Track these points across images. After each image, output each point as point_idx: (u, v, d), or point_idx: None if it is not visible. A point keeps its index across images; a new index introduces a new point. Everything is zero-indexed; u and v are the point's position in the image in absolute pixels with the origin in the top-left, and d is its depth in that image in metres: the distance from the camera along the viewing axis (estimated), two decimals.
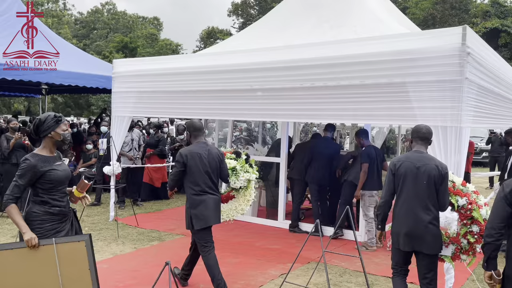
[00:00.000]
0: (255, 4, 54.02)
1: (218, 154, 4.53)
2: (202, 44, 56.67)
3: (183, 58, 7.66)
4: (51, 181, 3.23)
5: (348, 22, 6.55)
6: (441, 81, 4.58)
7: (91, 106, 45.69)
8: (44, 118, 3.28)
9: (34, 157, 3.21)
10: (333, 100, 5.25)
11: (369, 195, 6.22)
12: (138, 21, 61.56)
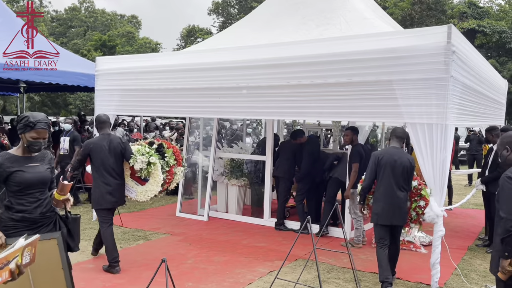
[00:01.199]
0: (235, 3, 53.97)
1: (120, 142, 5.13)
2: (182, 42, 56.39)
3: (167, 56, 7.57)
4: (17, 183, 3.02)
5: (333, 21, 6.58)
6: (427, 79, 4.65)
7: (69, 105, 44.98)
8: (20, 118, 3.09)
9: (3, 156, 3.04)
10: (320, 97, 5.28)
11: (357, 194, 6.25)
12: (116, 19, 60.85)
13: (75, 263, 5.23)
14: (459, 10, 33.17)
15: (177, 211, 7.82)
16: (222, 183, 7.93)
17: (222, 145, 8.21)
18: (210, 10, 54.48)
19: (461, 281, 5.02)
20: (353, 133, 6.29)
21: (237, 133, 11.38)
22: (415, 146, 4.79)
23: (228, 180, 7.74)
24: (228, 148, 8.25)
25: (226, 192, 7.89)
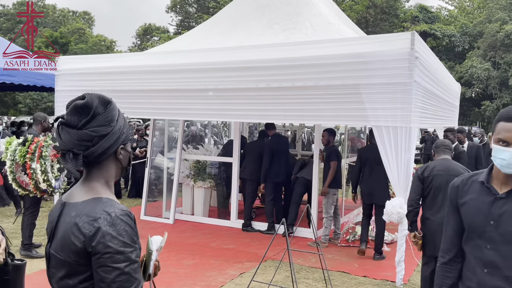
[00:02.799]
0: (193, 1, 53.56)
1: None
2: (138, 40, 55.38)
3: (132, 56, 7.46)
4: None
5: (298, 25, 6.69)
6: (391, 84, 4.82)
7: (18, 104, 43.16)
8: None
9: None
10: (287, 100, 5.38)
11: (333, 193, 6.40)
12: (68, 16, 58.98)
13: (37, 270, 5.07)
14: (412, 14, 34.41)
15: (141, 214, 7.70)
16: (187, 185, 7.88)
17: (187, 146, 8.15)
18: (168, 8, 53.83)
19: None
20: (330, 134, 6.49)
21: (196, 134, 11.32)
22: (380, 148, 4.96)
23: (194, 182, 7.70)
24: (194, 150, 8.21)
25: (192, 194, 7.84)
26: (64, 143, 1.42)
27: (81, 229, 1.33)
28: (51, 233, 1.47)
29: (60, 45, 48.09)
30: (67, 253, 1.36)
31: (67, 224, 1.39)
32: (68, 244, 1.35)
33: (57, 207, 1.50)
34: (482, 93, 30.61)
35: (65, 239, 1.37)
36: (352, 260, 5.78)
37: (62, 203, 1.48)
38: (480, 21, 32.28)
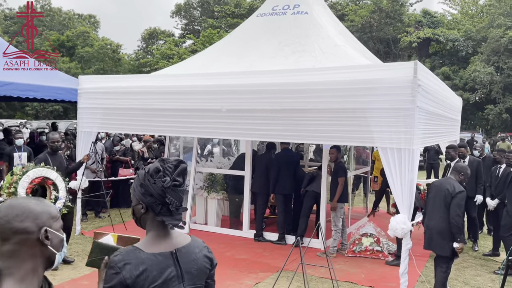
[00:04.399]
0: (197, 5, 54.00)
1: None
2: (143, 44, 55.88)
3: (148, 77, 7.83)
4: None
5: (307, 47, 7.08)
6: (396, 108, 5.20)
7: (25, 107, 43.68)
8: None
9: None
10: (298, 121, 5.75)
11: (340, 207, 6.80)
12: (74, 19, 59.50)
13: (68, 280, 5.48)
14: (415, 19, 34.72)
15: None
16: (201, 196, 8.29)
17: (200, 159, 8.56)
18: (173, 13, 54.33)
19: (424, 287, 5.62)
20: (338, 151, 6.88)
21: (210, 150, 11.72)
22: (385, 168, 5.34)
23: (208, 194, 8.11)
24: (207, 163, 8.62)
25: (205, 205, 8.25)
26: (177, 201, 1.84)
27: (209, 257, 1.92)
28: (179, 276, 1.81)
29: (67, 49, 48.64)
30: (202, 279, 1.88)
31: (196, 259, 1.87)
32: (203, 272, 1.88)
33: (165, 257, 1.80)
34: (485, 97, 30.89)
35: (201, 269, 1.87)
36: (359, 271, 6.16)
37: (172, 252, 1.83)
38: (483, 26, 32.55)
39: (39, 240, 1.43)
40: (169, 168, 1.85)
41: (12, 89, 8.33)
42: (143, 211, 1.87)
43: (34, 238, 1.42)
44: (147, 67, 42.22)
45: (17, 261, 1.41)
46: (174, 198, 1.81)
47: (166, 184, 1.79)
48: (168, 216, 1.82)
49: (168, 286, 1.75)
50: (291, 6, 7.87)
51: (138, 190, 1.89)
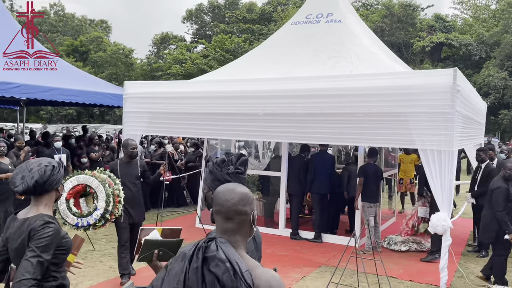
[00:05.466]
0: (208, 11, 54.55)
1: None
2: (154, 49, 56.57)
3: (190, 83, 8.20)
4: (67, 248, 2.50)
5: (343, 54, 7.42)
6: (436, 113, 5.53)
7: (40, 111, 44.36)
8: (55, 167, 2.55)
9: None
10: (340, 125, 6.09)
11: (367, 206, 7.13)
12: (87, 24, 60.30)
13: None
14: (428, 24, 34.98)
15: (196, 222, 8.47)
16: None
17: None
18: (184, 18, 54.94)
19: (463, 283, 5.94)
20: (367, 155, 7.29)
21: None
22: (425, 169, 5.67)
23: None
24: None
25: None
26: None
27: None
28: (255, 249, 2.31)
29: (80, 53, 49.37)
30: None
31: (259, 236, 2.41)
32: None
33: None
34: (498, 102, 31.04)
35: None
36: (396, 266, 6.48)
37: None
38: (496, 31, 32.73)
39: (250, 221, 1.79)
40: (232, 159, 2.32)
41: (58, 94, 8.78)
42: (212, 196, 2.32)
43: (249, 219, 1.78)
44: (160, 71, 42.81)
45: (241, 236, 1.77)
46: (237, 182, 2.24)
47: (230, 171, 2.25)
48: None
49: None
50: (324, 15, 8.23)
51: (209, 177, 2.36)
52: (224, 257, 1.64)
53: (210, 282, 1.63)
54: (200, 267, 1.65)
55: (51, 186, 2.42)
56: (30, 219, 2.34)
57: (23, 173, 2.38)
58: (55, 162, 2.47)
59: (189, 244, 1.76)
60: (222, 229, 1.77)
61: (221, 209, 1.77)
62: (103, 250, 6.72)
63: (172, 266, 1.74)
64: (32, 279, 2.16)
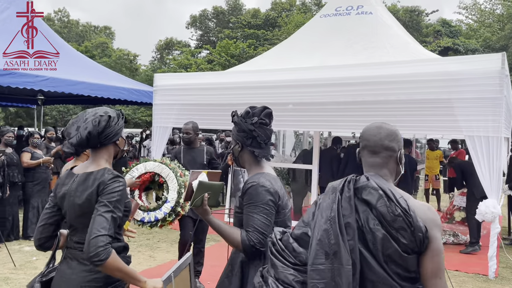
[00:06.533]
0: (212, 16, 54.72)
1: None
2: (158, 55, 56.67)
3: (220, 74, 8.23)
4: (129, 209, 2.28)
5: (378, 44, 7.37)
6: (483, 98, 5.44)
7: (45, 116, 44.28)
8: (112, 117, 2.20)
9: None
10: (382, 112, 6.00)
11: None
12: (91, 30, 60.56)
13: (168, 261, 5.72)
14: (434, 29, 35.06)
15: (225, 217, 8.35)
16: None
17: None
18: (188, 24, 55.09)
19: (510, 272, 5.82)
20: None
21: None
22: (473, 156, 5.57)
23: None
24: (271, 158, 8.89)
25: None
26: (264, 136, 2.28)
27: None
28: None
29: None
30: None
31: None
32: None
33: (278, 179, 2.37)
34: None
35: None
36: None
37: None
38: (503, 35, 32.78)
39: (397, 158, 1.80)
40: (257, 112, 2.30)
41: (84, 88, 8.69)
42: (239, 149, 2.35)
43: (395, 156, 1.80)
44: None
45: (388, 171, 1.79)
46: (261, 133, 2.27)
47: (254, 121, 2.25)
48: (257, 148, 2.28)
49: (287, 199, 2.31)
50: (354, 7, 8.19)
51: (234, 129, 2.37)
52: (376, 186, 1.67)
53: (363, 211, 1.66)
54: (353, 196, 1.68)
55: (108, 139, 2.15)
56: (95, 173, 2.10)
57: (78, 123, 2.13)
58: (112, 112, 2.20)
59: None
60: (369, 163, 1.82)
61: (367, 144, 1.82)
62: (138, 242, 6.59)
63: (322, 200, 1.77)
64: (108, 235, 1.95)
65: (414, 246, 1.60)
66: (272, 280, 1.72)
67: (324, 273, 1.61)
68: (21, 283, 4.70)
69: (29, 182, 6.53)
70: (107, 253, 1.91)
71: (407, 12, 36.45)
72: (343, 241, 1.61)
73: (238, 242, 2.14)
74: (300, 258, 1.72)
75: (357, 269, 1.60)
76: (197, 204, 2.23)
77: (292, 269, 1.71)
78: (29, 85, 7.79)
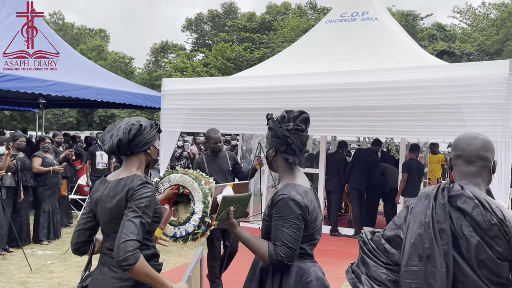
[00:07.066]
0: (208, 20, 54.79)
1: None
2: (153, 58, 56.64)
3: (228, 79, 8.28)
4: (159, 215, 2.27)
5: (384, 50, 7.47)
6: (491, 104, 5.55)
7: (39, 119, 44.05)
8: (144, 126, 2.23)
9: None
10: (394, 118, 6.11)
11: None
12: (86, 33, 60.43)
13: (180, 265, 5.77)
14: (429, 33, 35.38)
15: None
16: (270, 194, 8.60)
17: None
18: (184, 27, 55.12)
19: None
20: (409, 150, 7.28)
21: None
22: None
23: None
24: None
25: None
26: (299, 143, 2.24)
27: None
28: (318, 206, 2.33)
29: None
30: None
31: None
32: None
33: (310, 190, 2.31)
34: None
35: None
36: None
37: (311, 186, 2.34)
38: (498, 39, 33.14)
39: (490, 168, 1.86)
40: (293, 117, 2.23)
41: (91, 92, 8.74)
42: (273, 153, 2.30)
43: (489, 166, 1.86)
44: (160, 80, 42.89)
45: (482, 180, 1.86)
46: (297, 140, 2.20)
47: (289, 127, 2.19)
48: (291, 155, 2.22)
49: (318, 211, 2.27)
50: (359, 13, 8.30)
51: (269, 134, 2.33)
52: (471, 195, 1.74)
53: (456, 217, 1.75)
54: (447, 203, 1.77)
55: (138, 147, 2.19)
56: (125, 179, 2.14)
57: (112, 131, 2.20)
58: (144, 121, 2.24)
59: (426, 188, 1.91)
60: (463, 172, 1.87)
61: (463, 154, 1.86)
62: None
63: (415, 205, 1.86)
64: (137, 240, 1.96)
65: (508, 254, 1.69)
66: (365, 278, 1.85)
67: (417, 274, 1.74)
68: (39, 286, 4.73)
69: (40, 187, 6.56)
70: (136, 258, 1.93)
71: (402, 16, 36.75)
72: (437, 246, 1.72)
73: (265, 256, 2.13)
74: (393, 258, 1.84)
75: (450, 272, 1.70)
76: (223, 218, 2.24)
77: (385, 268, 1.83)
78: (37, 89, 7.85)
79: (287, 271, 2.15)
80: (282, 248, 2.09)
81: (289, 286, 2.14)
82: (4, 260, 5.63)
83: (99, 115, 40.75)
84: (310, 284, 2.15)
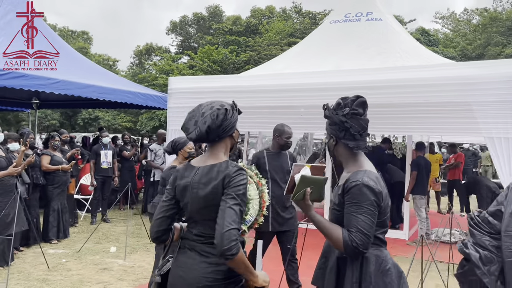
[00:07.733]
0: (193, 22, 54.66)
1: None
2: (136, 60, 56.21)
3: (234, 77, 8.25)
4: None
5: (390, 49, 7.57)
6: (503, 101, 5.68)
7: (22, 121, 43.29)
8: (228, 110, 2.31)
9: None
10: (406, 115, 6.20)
11: (419, 198, 7.23)
12: (68, 35, 59.64)
13: None
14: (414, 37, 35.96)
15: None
16: None
17: None
18: (168, 30, 54.90)
19: None
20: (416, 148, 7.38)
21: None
22: (493, 157, 5.81)
23: None
24: None
25: None
26: (358, 126, 2.22)
27: None
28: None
29: None
30: None
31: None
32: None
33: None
34: None
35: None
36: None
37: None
38: (479, 44, 33.87)
39: None
40: (349, 102, 2.23)
41: (92, 91, 8.63)
42: (333, 143, 2.30)
43: None
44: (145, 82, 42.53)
45: None
46: (355, 124, 2.19)
47: (345, 112, 2.19)
48: (351, 140, 2.21)
49: (388, 198, 2.23)
50: (364, 13, 8.40)
51: (327, 124, 2.33)
52: None
53: None
54: None
55: (225, 132, 2.19)
56: (218, 165, 2.11)
57: (196, 118, 2.17)
58: (227, 105, 2.26)
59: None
60: None
61: None
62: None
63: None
64: (238, 229, 1.93)
65: None
66: (471, 244, 2.25)
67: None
68: (61, 284, 4.65)
69: (49, 185, 6.46)
70: (238, 248, 1.91)
71: None
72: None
73: (340, 242, 2.08)
74: (495, 228, 2.17)
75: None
76: (299, 198, 2.22)
77: (488, 236, 2.18)
78: (40, 87, 7.72)
79: (366, 260, 2.13)
80: (357, 235, 2.04)
81: (370, 274, 2.11)
82: (18, 259, 5.52)
83: (83, 117, 40.23)
84: (389, 272, 2.13)
